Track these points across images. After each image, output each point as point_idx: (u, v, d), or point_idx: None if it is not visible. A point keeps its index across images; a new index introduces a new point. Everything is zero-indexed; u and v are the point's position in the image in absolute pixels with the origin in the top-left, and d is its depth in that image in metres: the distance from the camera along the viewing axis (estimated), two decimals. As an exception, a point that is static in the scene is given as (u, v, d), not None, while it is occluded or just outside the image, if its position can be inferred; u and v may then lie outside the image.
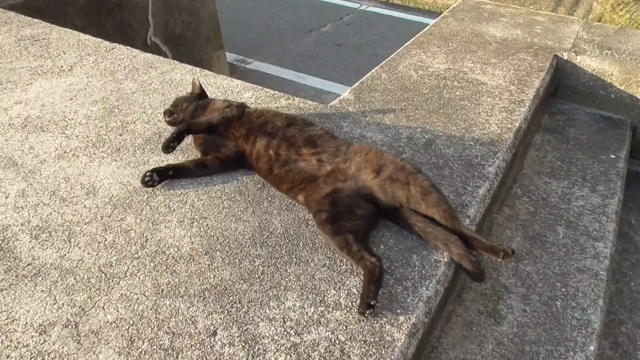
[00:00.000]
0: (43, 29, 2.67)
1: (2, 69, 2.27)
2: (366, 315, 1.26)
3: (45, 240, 1.43)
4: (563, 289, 1.70)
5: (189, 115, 1.81)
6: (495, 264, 1.76)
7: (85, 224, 1.49)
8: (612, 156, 2.35)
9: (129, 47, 2.53)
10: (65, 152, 1.78)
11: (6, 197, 1.57)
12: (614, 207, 2.04)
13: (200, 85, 1.91)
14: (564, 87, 2.77)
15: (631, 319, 1.91)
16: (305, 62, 5.39)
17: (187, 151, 1.81)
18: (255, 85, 2.23)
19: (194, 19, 4.28)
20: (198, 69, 2.37)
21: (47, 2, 3.11)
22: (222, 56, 4.77)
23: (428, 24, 3.13)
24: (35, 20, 2.76)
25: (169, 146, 1.67)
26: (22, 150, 1.78)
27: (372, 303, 1.26)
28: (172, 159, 1.76)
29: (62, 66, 2.32)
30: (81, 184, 1.64)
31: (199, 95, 1.90)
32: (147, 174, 1.58)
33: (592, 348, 1.50)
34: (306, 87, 4.92)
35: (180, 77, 2.27)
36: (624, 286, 2.03)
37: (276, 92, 2.19)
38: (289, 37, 5.97)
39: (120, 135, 1.88)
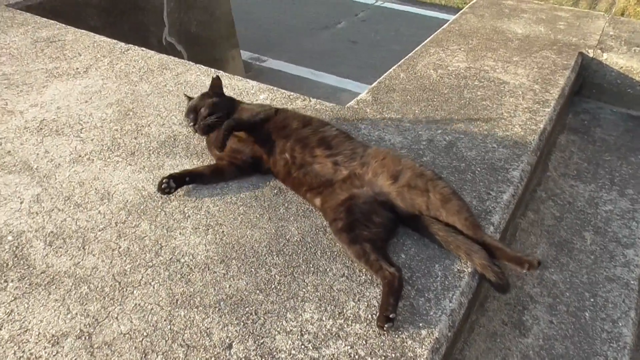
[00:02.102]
0: (59, 31, 2.65)
1: (18, 71, 2.26)
2: (385, 329, 1.21)
3: (60, 247, 1.41)
4: (592, 299, 1.63)
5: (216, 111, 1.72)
6: (517, 272, 1.70)
7: (99, 230, 1.47)
8: (642, 158, 2.26)
9: (143, 49, 2.50)
10: (80, 156, 1.76)
11: (21, 202, 1.55)
12: (644, 211, 1.95)
13: (220, 84, 1.82)
14: (589, 85, 2.68)
15: (663, 330, 1.82)
16: (320, 60, 5.33)
17: (203, 155, 1.77)
18: (271, 87, 2.18)
19: (209, 18, 4.25)
20: (213, 69, 2.34)
21: (64, 3, 3.10)
22: (237, 55, 4.73)
23: (444, 20, 3.07)
24: (51, 21, 2.75)
25: (225, 144, 1.60)
26: (37, 154, 1.76)
27: (391, 316, 1.20)
28: (187, 163, 1.73)
29: (77, 68, 2.30)
30: (96, 189, 1.62)
31: (217, 94, 1.80)
32: (164, 180, 1.55)
33: (623, 363, 1.43)
34: (321, 84, 4.87)
35: (195, 79, 2.24)
36: (654, 295, 1.95)
37: (292, 94, 2.14)
38: (304, 34, 5.92)
39: (135, 138, 1.85)
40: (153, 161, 1.74)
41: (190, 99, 1.80)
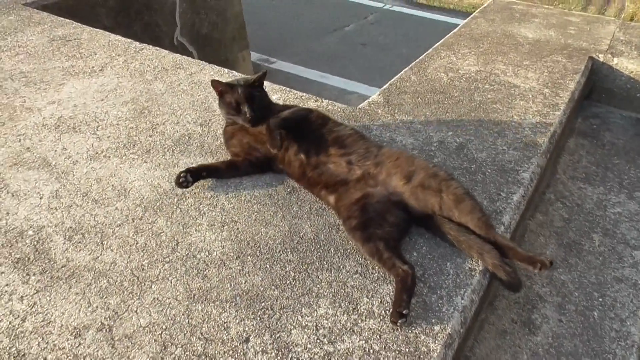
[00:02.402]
0: (74, 30, 2.70)
1: (36, 69, 2.30)
2: (398, 324, 1.23)
3: (79, 242, 1.44)
4: (600, 299, 1.64)
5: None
6: (528, 271, 1.72)
7: (117, 226, 1.50)
8: (650, 161, 2.28)
9: (157, 48, 2.54)
10: (97, 153, 1.79)
11: (40, 198, 1.59)
12: (652, 214, 1.97)
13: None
14: (599, 89, 2.69)
15: (671, 332, 1.83)
16: (328, 62, 5.36)
17: (217, 153, 1.80)
18: (284, 87, 2.21)
19: (220, 19, 4.29)
20: (226, 70, 2.37)
21: (79, 3, 3.15)
22: (247, 56, 4.77)
23: (453, 24, 3.09)
24: (67, 20, 2.80)
25: (281, 143, 1.60)
26: (56, 150, 1.80)
27: (404, 312, 1.23)
28: (202, 161, 1.76)
29: (93, 66, 2.34)
30: (112, 185, 1.65)
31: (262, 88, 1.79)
32: (182, 174, 1.58)
33: (632, 362, 1.45)
34: (329, 87, 4.89)
35: (208, 79, 2.27)
36: (662, 297, 1.96)
37: (304, 94, 2.17)
38: (313, 37, 5.95)
39: (150, 136, 1.89)
40: (168, 159, 1.77)
41: (225, 84, 1.70)
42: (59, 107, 2.04)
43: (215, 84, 1.70)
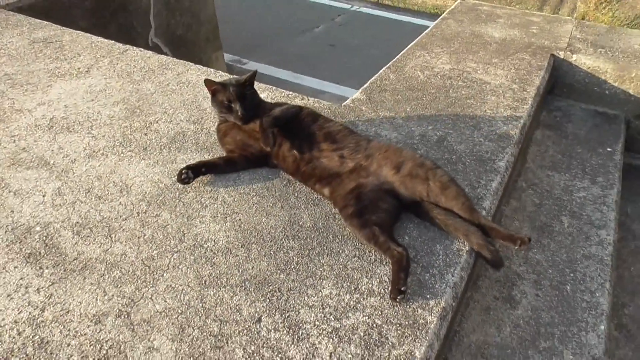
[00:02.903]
0: (54, 32, 2.70)
1: (20, 71, 2.31)
2: (397, 300, 1.34)
3: (87, 236, 1.49)
4: (572, 274, 1.80)
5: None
6: (507, 252, 1.87)
7: (123, 220, 1.55)
8: (609, 149, 2.48)
9: (142, 49, 2.58)
10: (94, 151, 1.83)
11: (43, 196, 1.62)
12: (613, 197, 2.16)
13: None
14: (560, 84, 2.89)
15: (633, 302, 2.02)
16: (300, 63, 5.46)
17: (212, 149, 1.87)
18: (271, 86, 2.30)
19: (194, 21, 4.32)
20: (212, 70, 2.44)
21: (54, 5, 3.14)
22: (221, 57, 4.82)
23: (418, 24, 3.24)
24: (46, 22, 2.79)
25: (274, 142, 1.70)
26: (52, 150, 1.83)
27: (402, 289, 1.34)
28: (199, 157, 1.82)
29: (79, 68, 2.36)
30: (114, 182, 1.70)
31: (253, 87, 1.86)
32: (183, 171, 1.65)
33: (602, 328, 1.61)
34: (302, 87, 4.98)
35: (196, 79, 2.33)
36: (624, 271, 2.15)
37: (291, 93, 2.26)
38: (283, 38, 6.03)
39: (145, 134, 1.94)
40: (165, 155, 1.83)
41: (218, 84, 1.77)
42: (49, 108, 2.06)
43: (208, 83, 1.77)
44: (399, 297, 1.34)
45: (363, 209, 1.53)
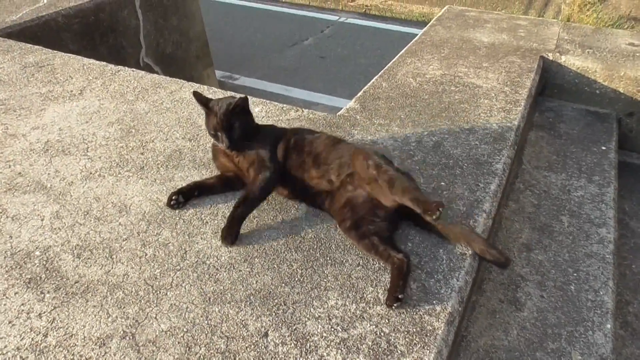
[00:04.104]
0: (45, 55, 2.70)
1: (13, 96, 2.30)
2: (394, 307, 1.34)
3: (88, 258, 1.47)
4: (575, 274, 1.81)
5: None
6: (509, 255, 1.86)
7: (123, 240, 1.54)
8: (603, 148, 2.49)
9: (134, 69, 2.58)
10: (90, 173, 1.82)
11: (42, 220, 1.61)
12: (611, 194, 2.17)
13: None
14: (551, 85, 2.92)
15: (636, 299, 2.02)
16: (291, 76, 5.49)
17: (210, 166, 1.87)
18: (264, 100, 2.30)
19: (184, 39, 4.34)
20: (206, 86, 2.44)
21: (43, 29, 3.14)
22: (212, 73, 4.83)
23: (406, 32, 3.27)
24: (36, 47, 2.79)
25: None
26: (48, 173, 1.82)
27: (399, 297, 1.33)
28: (196, 174, 1.82)
29: (71, 91, 2.36)
30: (112, 202, 1.69)
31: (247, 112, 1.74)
32: (173, 197, 1.63)
33: (608, 326, 1.61)
34: (294, 99, 5.01)
35: (189, 96, 2.33)
36: (626, 269, 2.16)
37: (285, 105, 2.27)
38: (273, 52, 6.07)
39: (142, 154, 1.93)
40: (163, 174, 1.83)
41: (208, 109, 1.65)
42: (44, 132, 2.05)
43: (200, 103, 1.66)
44: (395, 305, 1.33)
45: (359, 220, 1.53)
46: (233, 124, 1.62)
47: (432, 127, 2.15)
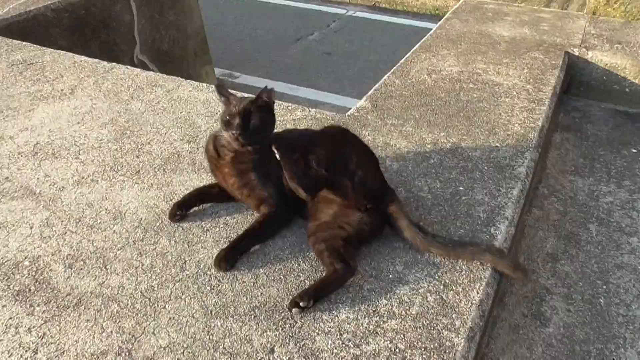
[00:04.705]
0: (34, 52, 2.73)
1: (0, 95, 2.33)
2: (292, 312, 1.35)
3: (81, 269, 1.48)
4: (604, 287, 1.80)
5: None
6: (533, 266, 1.86)
7: (118, 249, 1.55)
8: (634, 150, 2.49)
9: (128, 67, 2.60)
10: (83, 177, 1.84)
11: (31, 228, 1.62)
12: (643, 201, 2.16)
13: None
14: (577, 83, 2.92)
15: (672, 314, 2.01)
16: (295, 73, 5.50)
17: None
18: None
19: (181, 35, 4.37)
20: (205, 84, 2.46)
21: (32, 24, 3.17)
22: (211, 71, 4.86)
23: (418, 27, 3.28)
24: (25, 43, 2.82)
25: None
26: (38, 178, 1.83)
27: (302, 305, 1.34)
28: (196, 178, 1.83)
29: (62, 89, 2.38)
30: (106, 209, 1.70)
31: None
32: (177, 213, 1.64)
33: (642, 343, 1.60)
34: (300, 99, 5.02)
35: (188, 95, 2.35)
36: (660, 281, 2.14)
37: (290, 104, 2.28)
38: (276, 48, 6.09)
39: (137, 157, 1.94)
40: (160, 178, 1.84)
41: (231, 94, 1.67)
42: (32, 134, 2.07)
43: (221, 95, 1.65)
44: (294, 310, 1.35)
45: (316, 227, 1.55)
46: (253, 114, 1.57)
47: (449, 127, 2.15)
